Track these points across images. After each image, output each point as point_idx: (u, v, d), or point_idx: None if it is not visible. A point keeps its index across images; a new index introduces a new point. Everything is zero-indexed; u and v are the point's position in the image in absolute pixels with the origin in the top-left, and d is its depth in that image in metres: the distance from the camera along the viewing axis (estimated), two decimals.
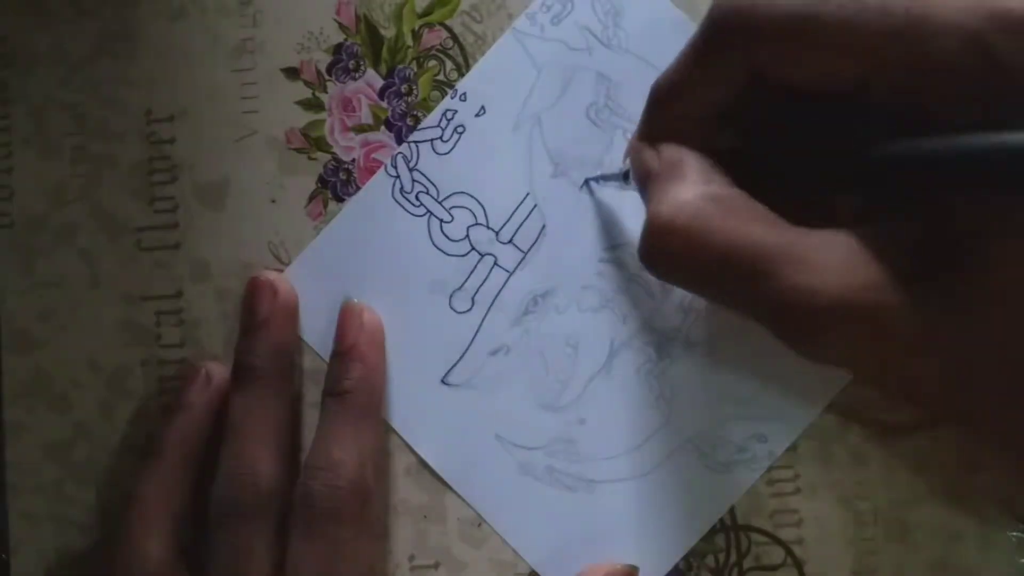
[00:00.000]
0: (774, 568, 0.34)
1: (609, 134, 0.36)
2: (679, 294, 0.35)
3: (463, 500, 0.35)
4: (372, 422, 0.34)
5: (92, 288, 0.37)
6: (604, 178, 0.35)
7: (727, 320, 0.34)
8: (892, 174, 0.24)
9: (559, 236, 0.36)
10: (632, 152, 0.30)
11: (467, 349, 0.36)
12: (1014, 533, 0.33)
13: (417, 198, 0.36)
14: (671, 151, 0.28)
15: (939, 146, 0.23)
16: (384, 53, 0.37)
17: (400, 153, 0.36)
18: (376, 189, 0.36)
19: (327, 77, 0.37)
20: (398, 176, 0.36)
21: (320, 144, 0.37)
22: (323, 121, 0.37)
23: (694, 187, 0.26)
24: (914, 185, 0.24)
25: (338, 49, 0.37)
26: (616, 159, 0.35)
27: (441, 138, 0.36)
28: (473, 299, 0.36)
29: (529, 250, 0.36)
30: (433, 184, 0.36)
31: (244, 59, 0.37)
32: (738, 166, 0.28)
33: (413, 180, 0.36)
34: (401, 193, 0.36)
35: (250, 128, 0.37)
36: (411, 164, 0.36)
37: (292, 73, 0.37)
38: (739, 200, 0.26)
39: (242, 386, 0.34)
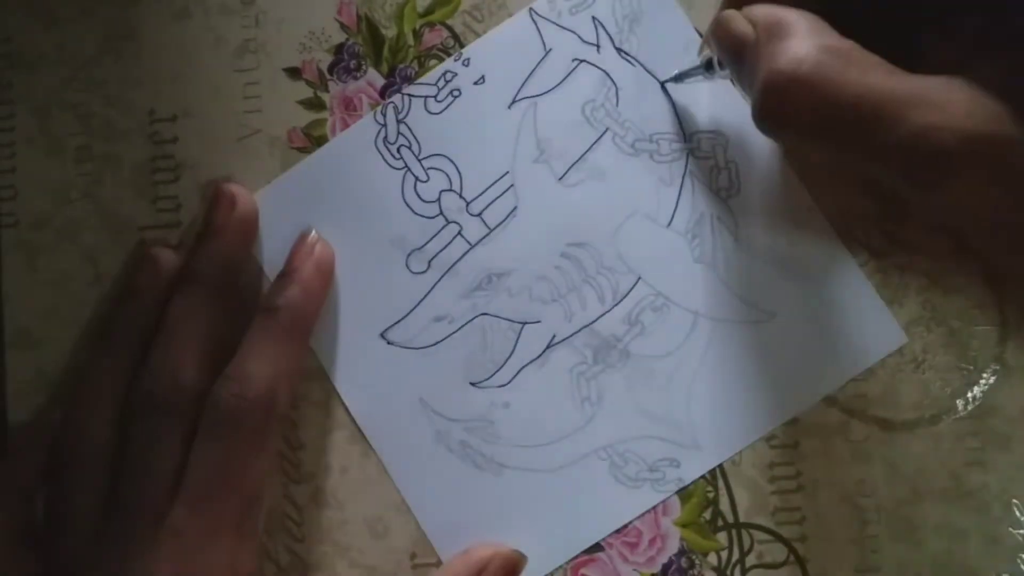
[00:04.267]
0: (777, 566, 0.34)
1: (598, 133, 0.36)
2: (629, 305, 0.35)
3: (376, 457, 0.35)
4: (295, 344, 0.34)
5: (95, 286, 0.37)
6: (683, 75, 0.34)
7: (673, 343, 0.35)
8: None
9: (527, 221, 0.36)
10: (717, 26, 0.29)
11: (412, 310, 0.36)
12: (1019, 531, 0.33)
13: (398, 151, 0.36)
14: (767, 11, 0.28)
15: None
16: (385, 52, 0.37)
17: (391, 103, 0.36)
18: (359, 133, 0.36)
19: (329, 77, 0.37)
20: (384, 125, 0.36)
21: (322, 143, 0.37)
22: (325, 120, 0.37)
23: (808, 40, 0.26)
24: None
25: (340, 49, 0.37)
26: (599, 159, 0.36)
27: (436, 97, 0.36)
28: (430, 263, 0.36)
29: (495, 228, 0.36)
30: (417, 140, 0.36)
31: (246, 59, 0.37)
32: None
33: (399, 132, 0.36)
34: (384, 142, 0.36)
35: (252, 128, 0.37)
36: (400, 116, 0.36)
37: (294, 73, 0.37)
38: (856, 52, 0.26)
39: (183, 289, 0.35)
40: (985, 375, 0.34)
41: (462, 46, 0.36)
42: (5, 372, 0.37)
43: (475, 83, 0.36)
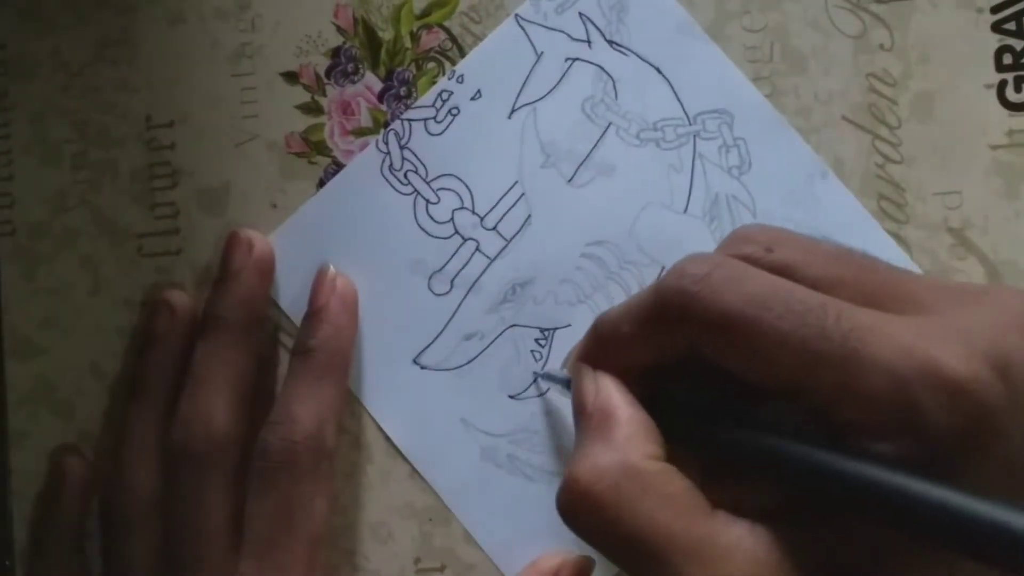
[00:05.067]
0: None
1: (601, 129, 0.36)
2: None
3: (425, 482, 0.35)
4: (334, 381, 0.34)
5: (94, 294, 0.37)
6: (550, 378, 0.35)
7: None
8: (792, 479, 0.25)
9: (543, 227, 0.36)
10: (573, 372, 0.30)
11: (441, 332, 0.36)
12: None
13: (405, 176, 0.36)
14: (606, 392, 0.28)
15: (833, 468, 0.24)
16: (383, 55, 0.37)
17: (392, 130, 0.36)
18: (364, 164, 0.36)
19: (326, 81, 0.37)
20: (388, 153, 0.36)
21: (320, 148, 0.37)
22: (323, 125, 0.37)
23: (619, 452, 0.26)
24: (814, 495, 0.25)
25: (336, 52, 0.37)
26: (606, 155, 0.35)
27: (435, 118, 0.36)
28: (452, 282, 0.36)
29: (512, 238, 0.36)
30: (423, 164, 0.36)
31: (243, 63, 0.37)
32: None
33: (403, 158, 0.36)
34: (390, 170, 0.36)
35: (250, 133, 0.37)
36: (402, 142, 0.36)
37: (291, 77, 0.37)
38: (658, 478, 0.25)
39: (206, 335, 0.35)
40: None
41: (460, 48, 0.36)
42: (5, 381, 0.37)
43: (472, 99, 0.36)
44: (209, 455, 0.33)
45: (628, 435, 0.27)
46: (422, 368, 0.36)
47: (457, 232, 0.36)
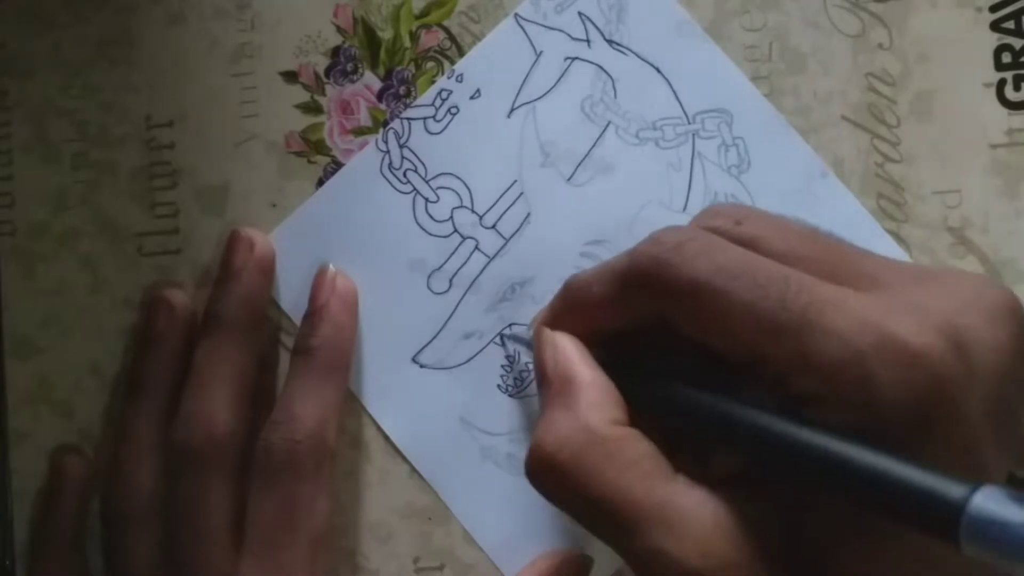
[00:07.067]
0: None
1: (600, 128, 0.36)
2: None
3: (425, 481, 0.35)
4: (336, 381, 0.34)
5: (94, 294, 0.37)
6: (516, 339, 0.35)
7: None
8: (747, 446, 0.25)
9: (542, 226, 0.36)
10: (536, 335, 0.30)
11: (440, 330, 0.36)
12: None
13: (405, 175, 0.36)
14: (565, 356, 0.29)
15: (784, 438, 0.24)
16: (382, 55, 0.37)
17: (391, 129, 0.36)
18: (364, 163, 0.36)
19: (325, 80, 0.37)
20: (388, 152, 0.36)
21: (320, 147, 0.37)
22: (322, 124, 0.37)
23: (577, 420, 0.27)
24: (769, 467, 0.25)
25: (336, 52, 0.37)
26: (605, 154, 0.36)
27: (434, 117, 0.36)
28: (451, 281, 0.36)
29: (511, 237, 0.36)
30: (422, 163, 0.36)
31: (242, 63, 0.37)
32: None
33: (403, 157, 0.36)
34: (389, 169, 0.36)
35: (249, 132, 0.37)
36: (402, 141, 0.36)
37: (291, 77, 0.37)
38: (620, 443, 0.26)
39: (208, 334, 0.35)
40: None
41: (459, 47, 0.36)
42: (5, 381, 0.37)
43: (471, 98, 0.36)
44: (210, 455, 0.33)
45: (589, 401, 0.27)
46: (421, 367, 0.36)
47: (456, 231, 0.36)
